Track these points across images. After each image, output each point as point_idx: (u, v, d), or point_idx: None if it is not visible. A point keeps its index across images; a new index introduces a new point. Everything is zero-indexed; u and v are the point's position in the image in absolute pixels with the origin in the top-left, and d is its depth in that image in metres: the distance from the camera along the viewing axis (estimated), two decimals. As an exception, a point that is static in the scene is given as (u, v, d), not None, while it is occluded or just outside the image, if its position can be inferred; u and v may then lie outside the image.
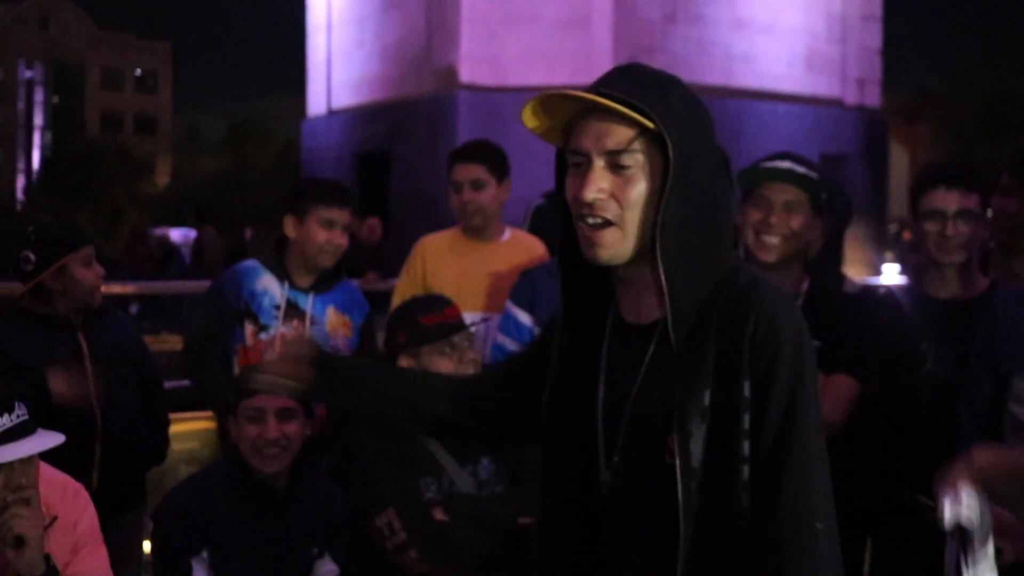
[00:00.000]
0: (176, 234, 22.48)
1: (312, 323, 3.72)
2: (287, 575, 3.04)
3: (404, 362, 3.16)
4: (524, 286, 3.70)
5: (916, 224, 3.09)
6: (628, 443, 1.75)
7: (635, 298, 1.78)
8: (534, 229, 4.33)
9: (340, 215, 3.74)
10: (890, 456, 3.06)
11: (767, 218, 2.91)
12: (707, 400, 1.67)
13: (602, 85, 1.70)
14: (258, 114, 57.92)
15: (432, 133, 15.12)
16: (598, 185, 1.69)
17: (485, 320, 3.60)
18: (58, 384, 3.39)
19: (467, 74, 14.48)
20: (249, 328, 3.68)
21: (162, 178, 57.73)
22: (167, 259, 12.91)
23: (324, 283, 3.79)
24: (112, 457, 3.57)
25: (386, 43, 16.50)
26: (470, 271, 3.93)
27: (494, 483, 3.14)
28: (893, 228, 23.14)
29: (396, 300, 4.00)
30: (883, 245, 15.45)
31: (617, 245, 1.71)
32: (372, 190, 16.13)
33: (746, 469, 1.66)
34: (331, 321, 3.78)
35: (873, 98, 17.98)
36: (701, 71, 14.55)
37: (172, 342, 4.13)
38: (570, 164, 1.74)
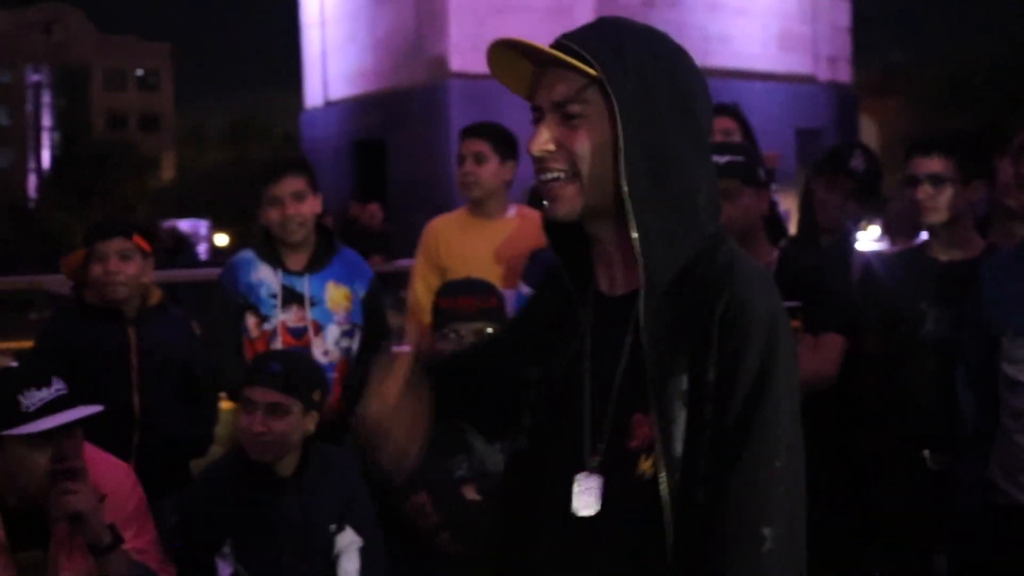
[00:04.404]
0: (185, 225, 22.51)
1: (312, 304, 3.63)
2: (309, 555, 2.94)
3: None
4: (534, 266, 3.64)
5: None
6: (615, 431, 1.54)
7: (608, 266, 1.60)
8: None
9: (282, 189, 3.59)
10: (891, 412, 3.09)
11: None
12: (685, 384, 1.48)
13: (564, 37, 1.56)
14: (258, 108, 57.74)
15: (425, 120, 15.12)
16: (545, 137, 1.54)
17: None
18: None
19: (457, 63, 14.48)
20: (251, 320, 3.62)
21: (167, 173, 57.50)
22: (178, 248, 12.95)
23: (318, 261, 3.68)
24: (150, 446, 3.56)
25: (378, 36, 16.47)
26: (479, 248, 3.87)
27: None
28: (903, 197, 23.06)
29: (416, 280, 3.97)
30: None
31: (573, 200, 1.54)
32: (370, 177, 16.13)
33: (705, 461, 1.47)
34: (331, 298, 3.68)
35: (844, 74, 18.00)
36: (679, 53, 14.56)
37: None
38: (532, 121, 1.59)
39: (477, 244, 3.90)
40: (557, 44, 1.55)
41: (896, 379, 3.06)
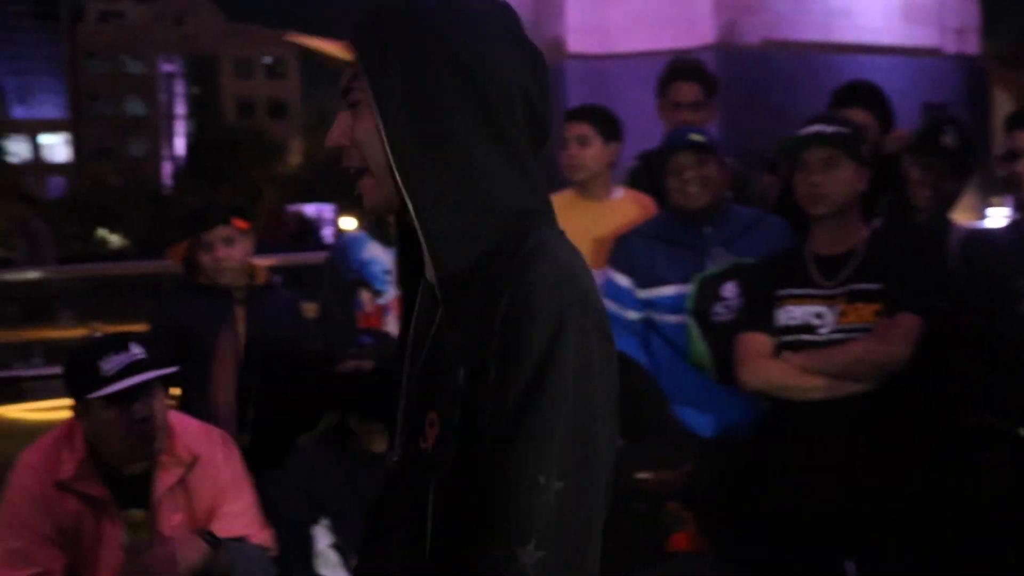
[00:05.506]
0: (310, 209, 22.93)
1: None
2: None
3: None
4: (620, 250, 3.65)
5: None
6: (413, 429, 1.42)
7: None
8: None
9: None
10: (987, 388, 3.03)
11: (810, 177, 2.91)
12: (466, 383, 1.33)
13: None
14: (380, 93, 58.30)
15: (543, 103, 15.02)
16: (336, 131, 1.43)
17: None
18: None
19: (574, 44, 14.36)
20: (365, 295, 3.75)
21: (295, 158, 58.71)
22: (303, 232, 13.18)
23: None
24: (264, 421, 3.69)
25: (496, 19, 16.46)
26: (582, 230, 3.87)
27: None
28: (1001, 172, 22.26)
29: None
30: (988, 190, 14.97)
31: (375, 193, 1.42)
32: (489, 160, 16.17)
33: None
34: None
35: (972, 46, 17.33)
36: (801, 28, 14.16)
37: (312, 310, 4.22)
38: None
39: (580, 224, 3.88)
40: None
41: (994, 356, 3.01)
